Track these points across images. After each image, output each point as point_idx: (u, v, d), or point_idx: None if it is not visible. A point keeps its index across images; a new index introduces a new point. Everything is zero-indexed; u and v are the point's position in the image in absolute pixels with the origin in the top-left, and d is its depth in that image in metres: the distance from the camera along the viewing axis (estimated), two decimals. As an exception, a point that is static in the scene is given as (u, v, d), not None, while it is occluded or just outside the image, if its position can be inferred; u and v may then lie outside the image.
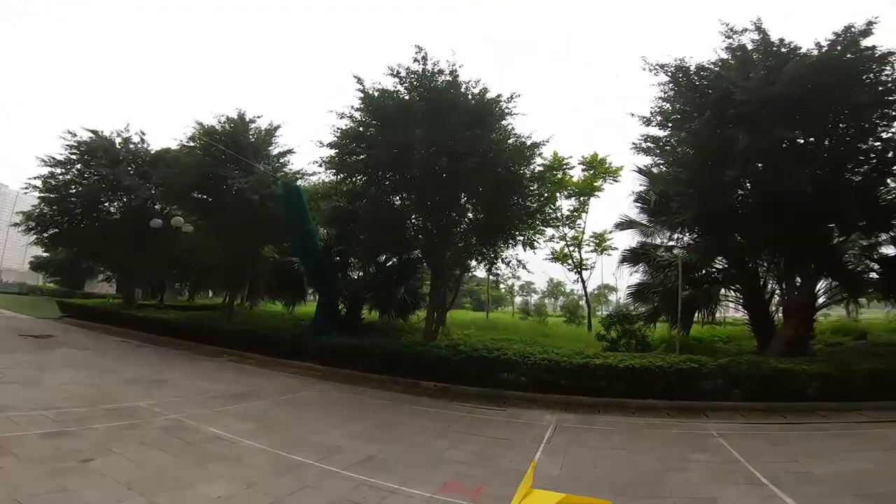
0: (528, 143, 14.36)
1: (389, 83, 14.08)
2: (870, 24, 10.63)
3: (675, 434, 7.83)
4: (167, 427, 7.04)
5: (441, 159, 13.07)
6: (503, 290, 49.50)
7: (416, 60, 13.79)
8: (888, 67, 10.74)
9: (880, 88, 10.76)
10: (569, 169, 22.86)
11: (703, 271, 15.18)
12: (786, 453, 6.48)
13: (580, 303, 31.99)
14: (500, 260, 16.68)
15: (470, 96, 14.05)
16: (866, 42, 10.68)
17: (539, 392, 10.57)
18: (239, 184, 17.28)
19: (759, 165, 11.71)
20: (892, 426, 7.87)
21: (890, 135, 11.59)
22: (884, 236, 13.04)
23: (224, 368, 13.44)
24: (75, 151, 22.32)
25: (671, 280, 14.06)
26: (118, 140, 23.41)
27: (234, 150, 17.61)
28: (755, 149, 10.94)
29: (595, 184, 24.12)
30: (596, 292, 43.25)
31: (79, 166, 22.49)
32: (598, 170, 23.83)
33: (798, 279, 12.75)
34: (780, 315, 14.16)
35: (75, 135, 22.36)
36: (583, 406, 9.83)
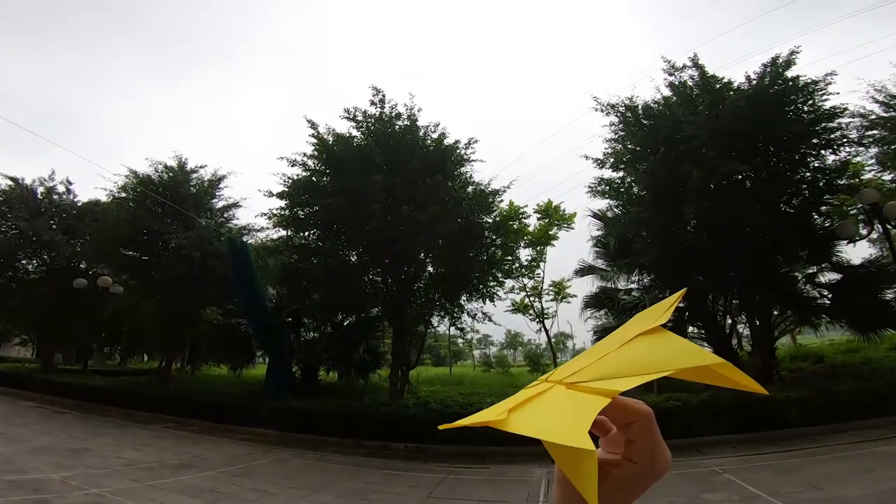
0: (488, 190, 14.19)
1: (345, 127, 13.81)
2: (792, 53, 11.51)
3: (676, 474, 7.30)
4: (86, 503, 5.72)
5: (402, 208, 12.56)
6: (461, 344, 48.53)
7: (373, 103, 13.60)
8: (812, 97, 11.53)
9: (806, 118, 11.55)
10: (525, 218, 22.81)
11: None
12: (802, 482, 6.16)
13: (541, 352, 31.62)
14: (465, 313, 15.92)
15: (429, 141, 13.91)
16: (791, 73, 11.53)
17: (520, 445, 9.90)
18: (177, 239, 15.74)
19: (707, 202, 12.11)
20: (891, 443, 7.80)
21: (818, 164, 12.31)
22: (825, 264, 13.63)
23: (160, 436, 11.68)
24: None
25: (637, 322, 14.01)
26: (40, 189, 21.10)
27: (172, 201, 16.25)
28: (706, 184, 11.29)
29: (550, 232, 24.42)
30: (554, 340, 43.35)
31: None
32: (554, 217, 24.20)
33: (757, 310, 13.02)
34: (741, 346, 14.24)
35: (-8, 181, 20.06)
36: (567, 456, 9.19)
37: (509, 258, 16.03)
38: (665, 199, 12.27)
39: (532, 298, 25.74)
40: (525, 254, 24.40)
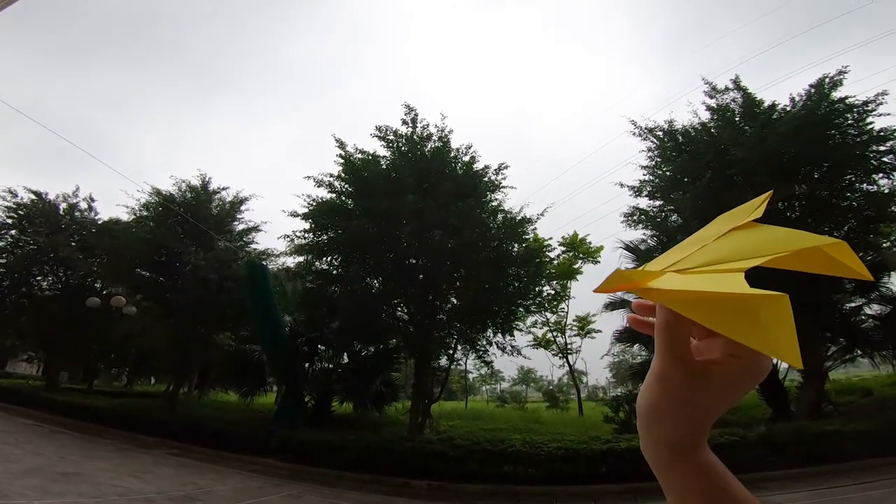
0: (518, 218, 13.56)
1: (374, 147, 13.58)
2: (840, 73, 11.18)
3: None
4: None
5: (433, 232, 11.93)
6: (472, 379, 47.24)
7: (404, 122, 13.28)
8: (862, 119, 11.10)
9: (853, 141, 11.09)
10: (549, 251, 22.07)
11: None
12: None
13: (561, 386, 30.59)
14: (493, 345, 14.85)
15: (459, 164, 13.45)
16: (839, 93, 11.18)
17: (552, 484, 9.33)
18: (196, 259, 15.32)
19: None
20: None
21: (867, 188, 11.73)
22: (872, 295, 12.85)
23: (162, 462, 10.81)
24: (13, 215, 19.60)
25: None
26: (63, 206, 20.96)
27: (193, 222, 16.01)
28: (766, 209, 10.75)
29: (574, 266, 23.65)
30: (567, 378, 42.15)
31: (13, 232, 19.72)
32: (580, 249, 23.48)
33: (806, 343, 12.32)
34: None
35: (16, 195, 19.68)
36: (611, 495, 8.80)
37: (539, 289, 15.11)
38: None
39: (555, 333, 24.81)
40: (549, 288, 23.64)
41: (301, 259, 15.14)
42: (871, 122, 11.03)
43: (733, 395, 0.43)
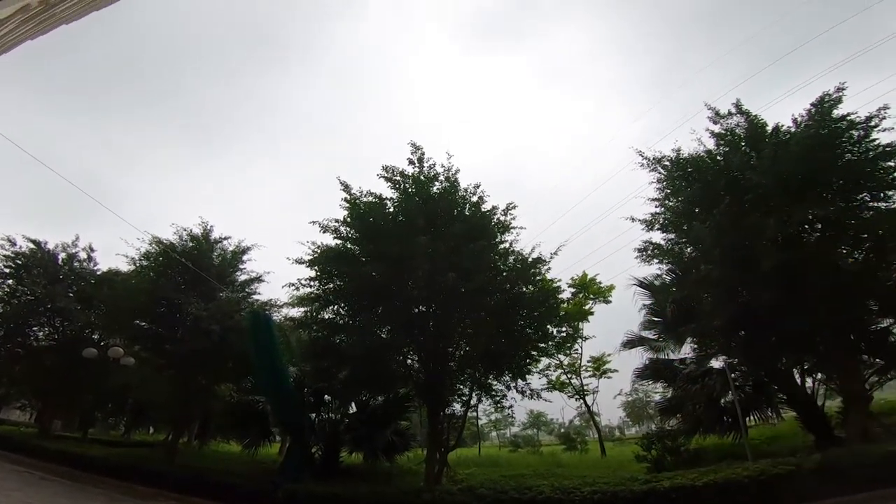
0: (530, 259, 13.16)
1: (380, 189, 13.26)
2: (839, 90, 11.18)
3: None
4: None
5: (447, 275, 11.44)
6: (482, 425, 45.84)
7: (411, 161, 13.05)
8: (868, 135, 11.03)
9: (857, 158, 11.00)
10: (559, 293, 21.48)
11: (741, 371, 13.66)
12: None
13: (577, 428, 29.63)
14: (513, 389, 13.90)
15: (469, 205, 13.15)
16: (840, 111, 11.18)
17: None
18: (197, 310, 14.86)
19: (786, 254, 11.07)
20: None
21: (881, 206, 11.41)
22: None
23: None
24: (10, 264, 19.25)
25: (715, 389, 12.62)
26: (62, 255, 20.67)
27: (194, 272, 15.69)
28: (783, 234, 10.62)
29: (585, 307, 23.18)
30: (579, 420, 40.95)
31: (10, 282, 19.26)
32: (590, 290, 23.06)
33: (841, 367, 11.81)
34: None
35: (14, 244, 19.47)
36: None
37: (557, 330, 14.40)
38: (734, 255, 11.26)
39: (569, 375, 24.10)
40: (566, 327, 23.02)
41: (305, 309, 14.47)
42: (876, 139, 11.02)
43: None
